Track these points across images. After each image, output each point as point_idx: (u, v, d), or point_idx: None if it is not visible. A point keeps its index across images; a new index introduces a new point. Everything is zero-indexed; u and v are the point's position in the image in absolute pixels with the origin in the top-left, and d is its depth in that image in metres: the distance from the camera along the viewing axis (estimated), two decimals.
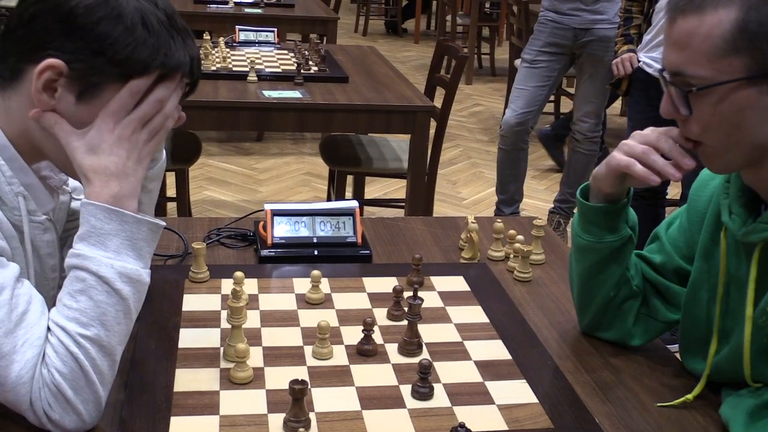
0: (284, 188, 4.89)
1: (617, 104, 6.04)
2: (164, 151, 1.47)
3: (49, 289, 1.34)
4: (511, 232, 1.85)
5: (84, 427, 1.16)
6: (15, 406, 1.14)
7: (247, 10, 5.00)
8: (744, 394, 1.28)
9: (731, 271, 1.32)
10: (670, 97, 1.21)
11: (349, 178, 3.94)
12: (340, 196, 3.79)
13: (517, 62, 4.52)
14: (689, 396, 1.34)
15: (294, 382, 1.19)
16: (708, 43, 1.14)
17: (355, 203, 1.86)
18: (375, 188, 4.88)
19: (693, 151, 1.24)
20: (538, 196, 5.03)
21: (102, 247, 1.18)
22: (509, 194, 4.34)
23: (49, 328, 1.16)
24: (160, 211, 3.11)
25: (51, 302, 1.22)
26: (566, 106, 6.19)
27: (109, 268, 1.17)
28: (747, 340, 1.25)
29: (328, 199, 4.28)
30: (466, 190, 5.12)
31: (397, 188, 4.89)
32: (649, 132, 1.29)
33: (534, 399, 1.33)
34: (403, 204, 3.66)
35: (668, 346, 1.55)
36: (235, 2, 5.12)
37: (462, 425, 1.13)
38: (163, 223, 1.26)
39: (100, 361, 1.15)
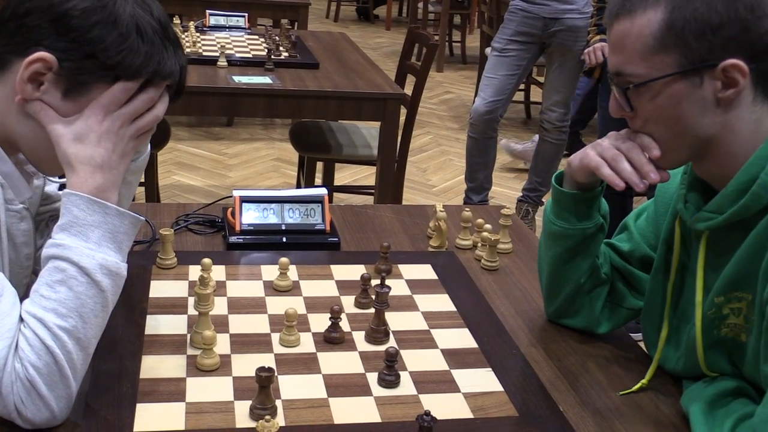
0: (254, 174, 4.86)
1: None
2: (149, 145, 1.46)
3: (23, 278, 1.33)
4: (479, 220, 1.86)
5: (53, 423, 1.14)
6: None
7: None
8: (702, 383, 1.31)
9: (685, 259, 1.36)
10: (616, 96, 1.28)
11: (319, 165, 3.93)
12: (310, 183, 3.78)
13: (488, 50, 4.52)
14: (644, 381, 1.37)
15: (261, 369, 1.19)
16: (640, 42, 1.21)
17: (324, 190, 1.86)
18: (345, 175, 4.88)
19: (657, 162, 1.28)
20: (507, 185, 5.05)
21: (83, 238, 1.17)
22: (478, 182, 4.36)
23: (22, 320, 1.13)
24: None
25: (24, 291, 1.21)
26: (536, 95, 6.22)
27: (90, 259, 1.16)
28: (698, 328, 1.28)
29: (298, 185, 4.28)
30: (435, 177, 5.13)
31: (366, 175, 4.89)
32: (624, 137, 1.32)
33: (499, 387, 1.34)
34: (373, 191, 3.65)
35: (632, 335, 1.57)
36: None
37: (427, 413, 1.14)
38: (143, 218, 1.26)
39: (75, 355, 1.14)
